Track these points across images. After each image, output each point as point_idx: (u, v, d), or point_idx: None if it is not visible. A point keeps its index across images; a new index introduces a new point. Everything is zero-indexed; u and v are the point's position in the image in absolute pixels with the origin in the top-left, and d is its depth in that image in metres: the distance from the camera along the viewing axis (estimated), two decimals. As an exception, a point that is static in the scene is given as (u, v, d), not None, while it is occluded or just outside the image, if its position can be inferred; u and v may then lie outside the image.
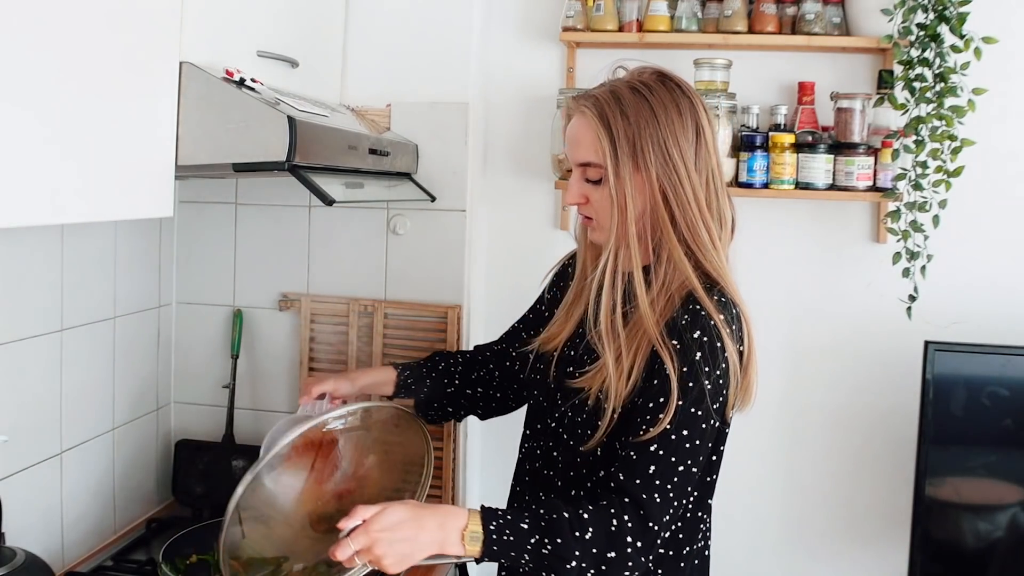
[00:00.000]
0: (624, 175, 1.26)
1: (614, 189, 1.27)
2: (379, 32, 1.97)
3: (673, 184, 1.26)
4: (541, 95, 2.07)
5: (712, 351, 1.23)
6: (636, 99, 1.27)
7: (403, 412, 1.50)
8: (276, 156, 1.33)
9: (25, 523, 1.57)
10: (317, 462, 1.41)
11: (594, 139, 1.28)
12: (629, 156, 1.26)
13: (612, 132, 1.26)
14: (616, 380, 1.26)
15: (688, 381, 1.23)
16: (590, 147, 1.29)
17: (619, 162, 1.26)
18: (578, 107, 1.32)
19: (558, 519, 1.19)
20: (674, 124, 1.27)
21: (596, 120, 1.28)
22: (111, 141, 1.20)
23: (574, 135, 1.33)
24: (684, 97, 1.30)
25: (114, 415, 1.87)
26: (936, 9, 1.77)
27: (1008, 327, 1.92)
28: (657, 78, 1.31)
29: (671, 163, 1.26)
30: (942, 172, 1.81)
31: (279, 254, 2.05)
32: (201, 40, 1.37)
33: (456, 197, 1.97)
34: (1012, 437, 1.78)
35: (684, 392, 1.23)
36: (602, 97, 1.29)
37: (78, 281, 1.72)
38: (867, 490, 2.05)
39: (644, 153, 1.26)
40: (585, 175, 1.32)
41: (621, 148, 1.26)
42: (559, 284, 1.55)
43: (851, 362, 2.03)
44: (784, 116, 1.94)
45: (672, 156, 1.26)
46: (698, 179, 1.28)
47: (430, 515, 1.21)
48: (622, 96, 1.28)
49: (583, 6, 1.97)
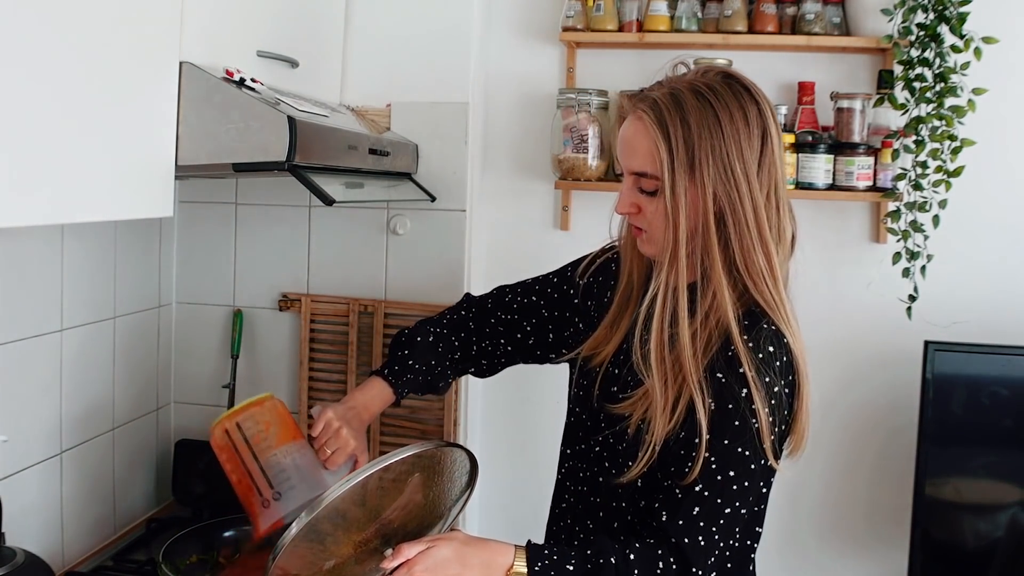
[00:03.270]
0: (680, 190, 1.16)
1: (670, 204, 1.16)
2: (379, 32, 1.97)
3: (732, 201, 1.16)
4: (541, 95, 2.07)
5: (758, 387, 1.15)
6: (699, 104, 1.16)
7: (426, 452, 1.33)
8: (276, 156, 1.33)
9: (25, 523, 1.57)
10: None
11: (651, 148, 1.17)
12: (687, 168, 1.15)
13: (671, 141, 1.16)
14: (661, 411, 1.17)
15: (734, 419, 1.15)
16: (647, 156, 1.18)
17: (676, 175, 1.16)
18: (635, 110, 1.21)
19: (605, 565, 1.14)
20: (739, 133, 1.16)
21: (655, 127, 1.17)
22: (111, 141, 1.20)
23: (629, 140, 1.21)
24: (752, 102, 1.19)
25: (114, 415, 1.87)
26: (936, 9, 1.77)
27: (1008, 327, 1.92)
28: (723, 80, 1.20)
29: (733, 178, 1.15)
30: (942, 172, 1.81)
31: (279, 254, 2.05)
32: (201, 40, 1.37)
33: (456, 197, 1.97)
34: (1012, 437, 1.78)
35: (728, 430, 1.16)
36: (662, 101, 1.17)
37: (78, 281, 1.72)
38: (867, 490, 2.05)
39: (704, 166, 1.15)
40: (639, 185, 1.21)
41: (679, 160, 1.15)
42: (598, 279, 1.42)
43: (851, 362, 2.03)
44: (784, 116, 1.94)
45: (735, 170, 1.15)
46: (760, 195, 1.17)
47: (475, 553, 1.16)
48: (684, 100, 1.17)
49: (583, 6, 1.97)
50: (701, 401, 1.16)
